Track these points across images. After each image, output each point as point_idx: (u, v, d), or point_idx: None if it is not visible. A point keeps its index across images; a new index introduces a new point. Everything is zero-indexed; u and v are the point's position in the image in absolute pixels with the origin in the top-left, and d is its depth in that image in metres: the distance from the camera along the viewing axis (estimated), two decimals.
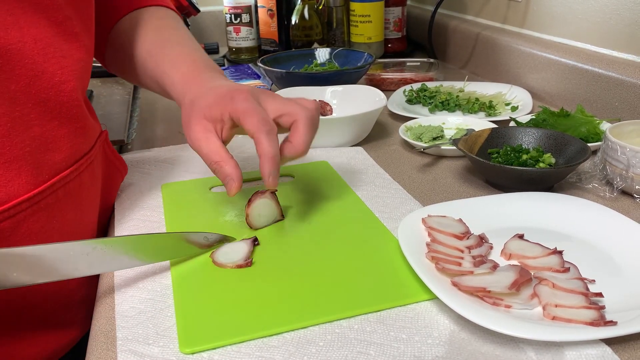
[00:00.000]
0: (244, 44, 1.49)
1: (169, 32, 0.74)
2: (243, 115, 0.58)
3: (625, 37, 0.91)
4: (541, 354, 0.44)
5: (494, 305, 0.48)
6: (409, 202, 0.68)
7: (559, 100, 1.01)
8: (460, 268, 0.52)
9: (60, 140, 0.56)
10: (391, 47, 1.45)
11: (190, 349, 0.45)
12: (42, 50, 0.54)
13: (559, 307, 0.47)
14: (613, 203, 0.67)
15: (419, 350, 0.45)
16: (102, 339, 0.48)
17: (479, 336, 0.46)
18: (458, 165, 0.79)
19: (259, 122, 0.57)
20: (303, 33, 1.38)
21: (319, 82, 1.02)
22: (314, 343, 0.46)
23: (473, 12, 1.37)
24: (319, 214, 0.66)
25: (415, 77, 1.18)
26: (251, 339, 0.46)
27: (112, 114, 1.01)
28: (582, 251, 0.56)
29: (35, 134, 0.53)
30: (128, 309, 0.51)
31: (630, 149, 0.65)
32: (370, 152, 0.84)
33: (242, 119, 0.58)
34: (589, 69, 0.93)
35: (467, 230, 0.59)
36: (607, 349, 0.44)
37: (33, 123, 0.53)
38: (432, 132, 0.85)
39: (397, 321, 0.48)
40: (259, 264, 0.57)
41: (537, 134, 0.76)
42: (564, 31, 1.05)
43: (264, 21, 1.46)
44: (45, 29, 0.55)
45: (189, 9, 1.44)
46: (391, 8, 1.41)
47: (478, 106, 1.01)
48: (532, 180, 0.68)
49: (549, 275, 0.51)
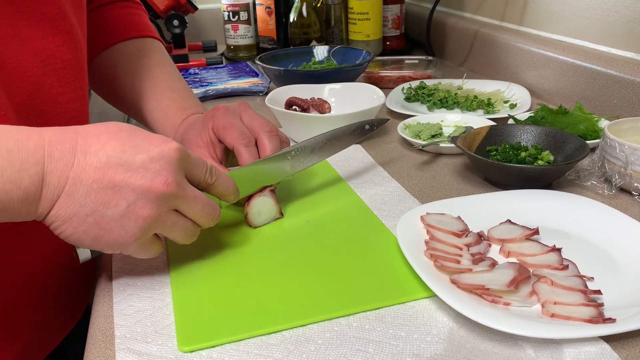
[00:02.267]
0: (242, 41, 1.48)
1: (157, 73, 0.75)
2: (223, 130, 0.62)
3: (624, 34, 0.91)
4: (540, 351, 0.44)
5: (492, 303, 0.48)
6: (407, 199, 0.68)
7: (557, 98, 1.01)
8: (459, 266, 0.52)
9: None
10: (389, 44, 1.45)
11: (189, 347, 0.45)
12: (41, 62, 0.54)
13: (558, 304, 0.47)
14: (611, 200, 0.67)
15: (417, 347, 0.45)
16: (101, 337, 0.48)
17: (477, 334, 0.46)
18: (456, 163, 0.79)
19: (238, 135, 0.61)
20: (301, 31, 1.37)
21: (317, 79, 1.02)
22: (312, 341, 0.46)
23: (471, 10, 1.36)
24: (318, 212, 0.66)
25: (413, 74, 1.18)
26: (250, 337, 0.46)
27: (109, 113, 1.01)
28: (581, 248, 0.56)
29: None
30: (126, 307, 0.51)
31: (628, 146, 0.65)
32: (369, 150, 0.84)
33: (222, 133, 0.62)
34: (587, 66, 0.93)
35: (465, 227, 0.59)
36: (605, 346, 0.44)
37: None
38: (431, 130, 0.85)
39: (395, 319, 0.48)
40: (258, 261, 0.57)
41: (536, 132, 0.76)
42: (563, 28, 1.05)
43: (262, 19, 1.46)
44: (49, 39, 0.55)
45: (187, 6, 1.43)
46: (389, 6, 1.41)
47: (476, 104, 1.00)
48: (530, 178, 0.68)
49: (548, 273, 0.51)
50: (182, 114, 0.72)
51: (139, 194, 0.46)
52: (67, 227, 0.45)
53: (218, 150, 0.65)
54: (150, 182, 0.46)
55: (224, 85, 1.21)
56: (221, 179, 0.54)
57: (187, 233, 0.51)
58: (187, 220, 0.51)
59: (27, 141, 0.44)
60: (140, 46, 0.76)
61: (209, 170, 0.52)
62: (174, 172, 0.47)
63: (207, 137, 0.64)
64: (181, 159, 0.48)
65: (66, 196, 0.44)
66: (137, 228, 0.47)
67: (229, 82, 1.23)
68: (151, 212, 0.47)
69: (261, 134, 0.63)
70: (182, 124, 0.71)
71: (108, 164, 0.45)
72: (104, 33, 0.75)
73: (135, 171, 0.46)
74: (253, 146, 0.62)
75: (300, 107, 0.90)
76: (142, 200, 0.46)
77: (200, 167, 0.51)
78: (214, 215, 0.52)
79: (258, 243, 0.60)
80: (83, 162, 0.45)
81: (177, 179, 0.48)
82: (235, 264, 0.56)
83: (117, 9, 0.78)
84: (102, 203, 0.45)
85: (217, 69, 1.36)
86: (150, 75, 0.74)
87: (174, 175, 0.47)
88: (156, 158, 0.47)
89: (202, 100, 1.13)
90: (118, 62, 0.75)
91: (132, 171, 0.46)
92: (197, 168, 0.51)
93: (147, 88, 0.73)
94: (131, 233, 0.47)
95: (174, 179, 0.47)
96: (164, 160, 0.47)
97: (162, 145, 0.47)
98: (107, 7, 0.77)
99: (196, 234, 0.52)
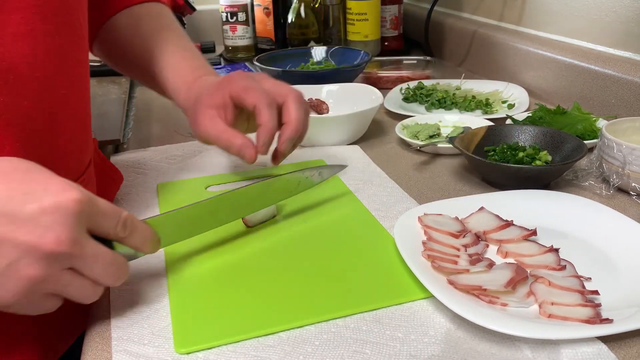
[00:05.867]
0: (240, 42, 1.48)
1: (168, 35, 0.74)
2: (244, 91, 0.61)
3: (622, 34, 0.91)
4: (537, 352, 0.44)
5: (490, 304, 0.48)
6: (405, 200, 0.68)
7: (555, 98, 1.01)
8: (456, 266, 0.52)
9: (65, 157, 0.55)
10: (388, 45, 1.45)
11: (186, 349, 0.45)
12: (51, 61, 0.51)
13: (555, 305, 0.47)
14: (609, 200, 0.67)
15: (415, 349, 0.45)
16: (97, 339, 0.48)
17: (475, 334, 0.46)
18: (455, 163, 0.79)
19: (260, 95, 0.60)
20: (299, 31, 1.37)
21: (315, 80, 1.02)
22: (309, 342, 0.46)
23: (469, 10, 1.37)
24: (315, 212, 0.66)
25: (412, 75, 1.18)
26: (247, 339, 0.46)
27: (108, 114, 1.01)
28: (579, 249, 0.56)
29: (44, 151, 0.52)
30: (123, 308, 0.51)
31: (626, 146, 0.65)
32: (367, 151, 0.84)
33: (242, 94, 0.61)
34: (585, 66, 0.93)
35: (463, 228, 0.59)
36: (603, 347, 0.44)
37: (43, 140, 0.52)
38: (429, 130, 0.84)
39: (393, 320, 0.48)
40: (255, 263, 0.56)
41: (534, 132, 0.76)
42: (561, 29, 1.05)
43: (260, 19, 1.46)
44: (59, 37, 0.53)
45: (185, 7, 1.43)
46: (388, 6, 1.41)
47: (475, 104, 1.01)
48: (528, 178, 0.68)
49: (545, 273, 0.51)
50: (194, 73, 0.71)
51: (23, 252, 0.39)
52: None
53: (229, 114, 0.63)
54: (38, 238, 0.39)
55: None
56: (138, 231, 0.46)
57: (85, 293, 0.43)
58: (85, 279, 0.43)
59: None
60: (149, 10, 0.76)
61: (122, 222, 0.44)
62: (69, 227, 0.40)
63: (221, 99, 0.63)
64: (81, 212, 0.41)
65: None
66: (18, 288, 0.40)
67: None
68: (36, 273, 0.39)
69: (289, 98, 0.62)
70: (195, 83, 0.69)
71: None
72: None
73: (23, 224, 0.38)
74: (275, 108, 0.61)
75: None
76: (26, 259, 0.39)
77: (111, 219, 0.44)
78: (119, 276, 0.44)
79: (255, 244, 0.60)
80: None
81: (73, 235, 0.40)
82: (232, 266, 0.56)
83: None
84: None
85: (216, 70, 1.35)
86: (160, 36, 0.73)
87: (70, 231, 0.40)
88: (49, 210, 0.39)
89: None
90: (128, 26, 0.74)
91: (18, 223, 0.38)
92: (107, 221, 0.44)
93: (158, 48, 0.72)
94: (12, 293, 0.40)
95: (68, 235, 0.39)
96: (59, 214, 0.39)
97: (59, 195, 0.40)
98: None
99: (98, 293, 0.44)
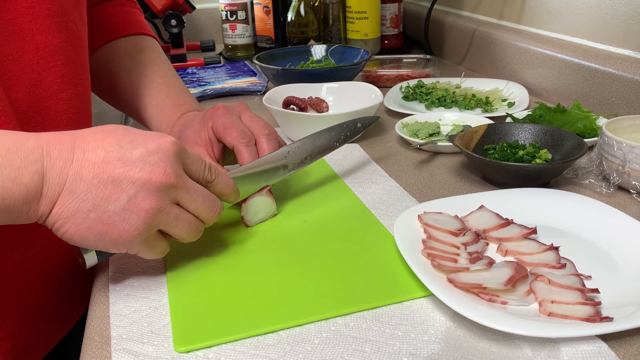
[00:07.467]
0: (240, 41, 1.48)
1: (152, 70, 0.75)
2: (223, 129, 0.63)
3: (622, 32, 0.91)
4: (537, 350, 0.44)
5: (490, 302, 0.48)
6: (405, 198, 0.68)
7: (555, 96, 1.01)
8: (456, 265, 0.52)
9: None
10: (387, 43, 1.45)
11: (185, 347, 0.45)
12: (42, 59, 0.54)
13: (555, 303, 0.47)
14: (609, 199, 0.67)
15: (414, 347, 0.44)
16: (97, 337, 0.48)
17: (475, 333, 0.46)
18: (454, 162, 0.79)
19: (238, 136, 0.62)
20: (299, 30, 1.37)
21: (315, 79, 1.02)
22: (309, 341, 0.45)
23: (469, 8, 1.36)
24: (315, 210, 0.66)
25: (411, 73, 1.17)
26: (246, 337, 0.46)
27: (107, 112, 1.01)
28: (579, 247, 0.56)
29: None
30: (122, 307, 0.51)
31: (626, 144, 0.65)
32: (367, 149, 0.84)
33: (222, 132, 0.63)
34: (585, 64, 0.93)
35: (463, 226, 0.59)
36: (603, 345, 0.44)
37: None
38: (429, 129, 0.84)
39: (392, 318, 0.48)
40: (255, 261, 0.56)
41: (534, 130, 0.76)
42: (561, 27, 1.05)
43: (259, 18, 1.46)
44: (54, 36, 0.55)
45: (185, 6, 1.43)
46: (387, 4, 1.41)
47: (474, 102, 1.00)
48: (528, 176, 0.67)
49: (545, 272, 0.51)
50: (178, 111, 0.72)
51: (139, 187, 0.46)
52: (71, 225, 0.45)
53: (216, 150, 0.65)
54: (149, 174, 0.46)
55: (222, 84, 1.21)
56: (221, 178, 0.53)
57: (191, 228, 0.51)
58: (190, 214, 0.50)
59: (25, 141, 0.44)
60: (136, 44, 0.76)
61: (207, 167, 0.52)
62: (171, 164, 0.47)
63: (206, 135, 0.64)
64: (178, 152, 0.49)
65: (67, 193, 0.45)
66: (140, 221, 0.47)
67: (226, 81, 1.23)
68: (153, 204, 0.47)
69: (260, 136, 0.63)
70: (179, 121, 0.71)
71: (106, 159, 0.45)
72: (99, 30, 0.75)
73: (134, 164, 0.46)
74: (253, 146, 0.62)
75: (297, 107, 0.90)
76: (142, 192, 0.46)
77: (199, 163, 0.51)
78: (216, 209, 0.52)
79: (255, 242, 0.60)
80: (82, 158, 0.45)
81: (176, 170, 0.48)
82: (232, 264, 0.56)
83: (113, 7, 0.78)
84: (103, 198, 0.45)
85: (215, 69, 1.35)
86: (145, 72, 0.74)
87: (172, 166, 0.47)
88: (153, 151, 0.47)
89: (200, 100, 1.13)
90: (114, 60, 0.75)
91: (131, 164, 0.46)
92: (195, 164, 0.51)
93: (143, 84, 0.73)
94: (134, 226, 0.47)
95: (172, 169, 0.47)
96: (161, 153, 0.47)
97: (159, 140, 0.48)
98: (103, 4, 0.77)
99: (200, 230, 0.52)
